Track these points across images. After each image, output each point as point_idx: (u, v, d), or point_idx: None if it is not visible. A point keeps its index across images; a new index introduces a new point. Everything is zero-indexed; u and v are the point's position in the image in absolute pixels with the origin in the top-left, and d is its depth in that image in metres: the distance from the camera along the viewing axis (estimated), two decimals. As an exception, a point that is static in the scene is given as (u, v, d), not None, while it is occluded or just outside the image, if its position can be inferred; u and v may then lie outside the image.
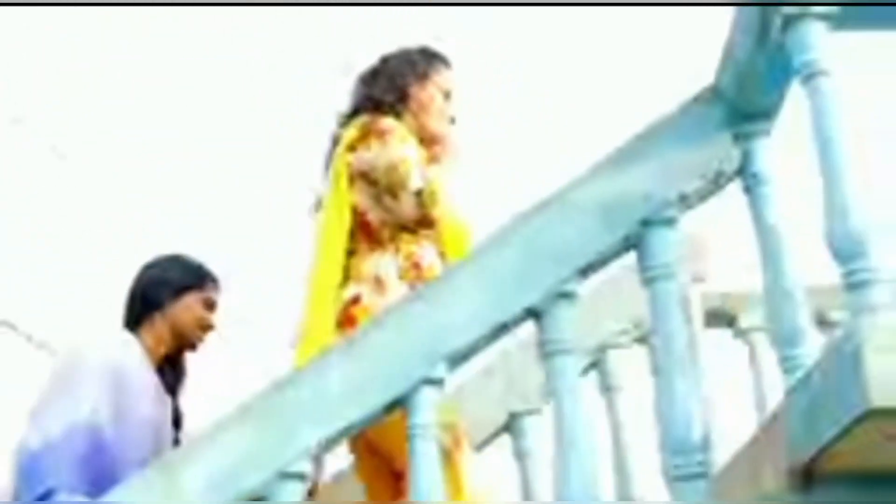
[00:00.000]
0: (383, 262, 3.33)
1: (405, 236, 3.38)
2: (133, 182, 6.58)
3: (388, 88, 3.50)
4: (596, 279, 2.79)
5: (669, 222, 2.58)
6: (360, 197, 3.36)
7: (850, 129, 2.35)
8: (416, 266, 3.34)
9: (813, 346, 2.50)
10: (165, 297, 3.54)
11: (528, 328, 2.64)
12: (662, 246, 2.56)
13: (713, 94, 2.63)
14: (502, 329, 2.53)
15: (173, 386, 3.59)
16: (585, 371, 3.85)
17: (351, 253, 3.35)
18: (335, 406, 2.40)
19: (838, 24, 2.39)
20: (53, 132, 6.65)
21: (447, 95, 3.56)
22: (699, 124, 2.62)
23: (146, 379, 3.46)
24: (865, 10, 2.40)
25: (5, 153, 6.56)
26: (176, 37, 6.51)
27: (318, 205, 3.51)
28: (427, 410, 2.44)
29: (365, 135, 3.38)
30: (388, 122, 3.40)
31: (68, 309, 5.89)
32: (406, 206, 3.33)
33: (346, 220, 3.35)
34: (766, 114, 2.62)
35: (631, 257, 2.63)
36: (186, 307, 3.55)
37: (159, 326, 3.53)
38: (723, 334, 4.08)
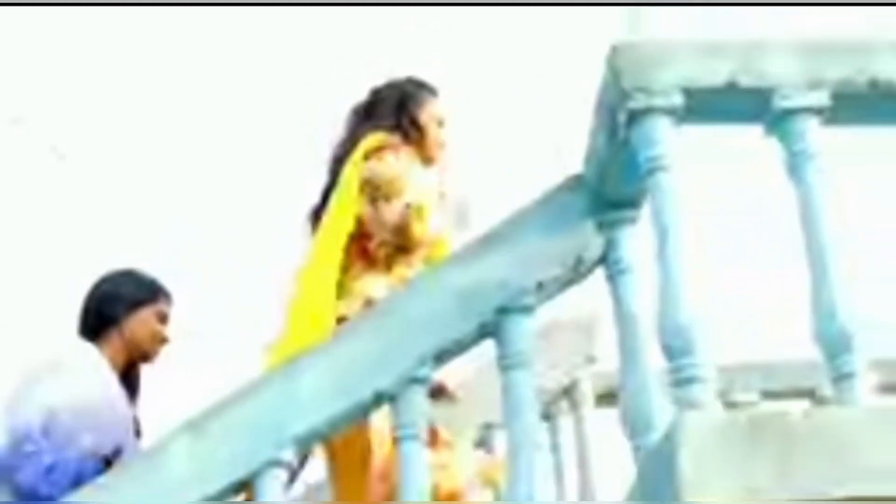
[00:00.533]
0: (378, 284, 3.54)
1: (399, 258, 3.59)
2: (132, 182, 6.78)
3: (395, 118, 3.72)
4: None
5: (526, 310, 2.70)
6: (365, 207, 3.58)
7: (688, 224, 2.45)
8: None
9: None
10: (121, 311, 3.72)
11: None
12: (518, 334, 2.69)
13: (578, 183, 2.74)
14: (353, 412, 2.67)
15: (130, 399, 3.78)
16: (475, 447, 3.98)
17: (345, 269, 3.56)
18: (178, 487, 2.55)
19: (683, 119, 2.49)
20: (53, 132, 6.88)
21: (440, 123, 3.79)
22: (563, 212, 2.74)
23: (113, 380, 3.64)
24: (710, 104, 2.50)
25: (5, 153, 6.82)
26: (175, 38, 6.69)
27: (314, 216, 3.69)
28: (273, 493, 2.59)
29: (382, 147, 3.63)
30: (407, 148, 3.65)
31: (66, 307, 6.12)
32: (393, 212, 3.55)
33: (349, 226, 3.57)
34: (630, 203, 2.73)
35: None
36: (142, 321, 3.74)
37: (116, 341, 3.72)
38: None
